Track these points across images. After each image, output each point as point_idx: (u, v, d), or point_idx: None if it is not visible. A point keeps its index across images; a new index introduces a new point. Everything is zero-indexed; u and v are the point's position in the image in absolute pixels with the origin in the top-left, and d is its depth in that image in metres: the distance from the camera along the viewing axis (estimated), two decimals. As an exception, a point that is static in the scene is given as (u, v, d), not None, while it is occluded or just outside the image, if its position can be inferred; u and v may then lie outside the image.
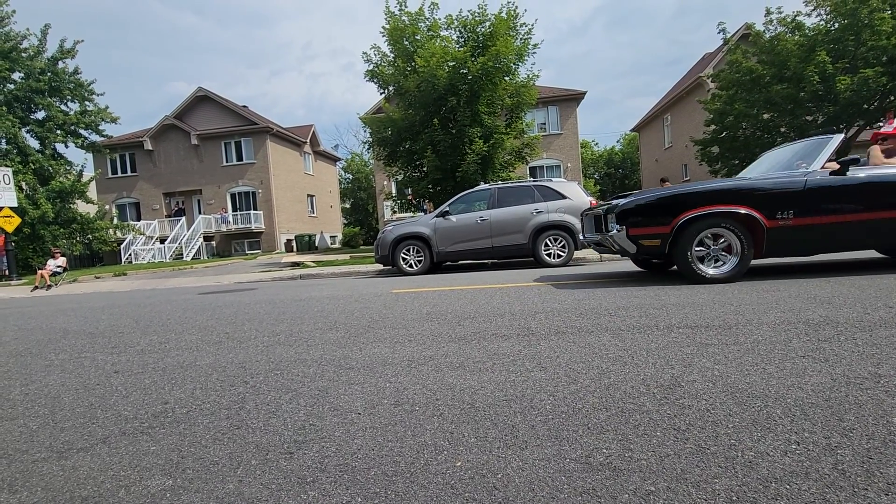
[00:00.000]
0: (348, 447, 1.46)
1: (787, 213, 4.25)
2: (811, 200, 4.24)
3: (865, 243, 4.43)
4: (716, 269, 4.39)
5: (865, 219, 4.22)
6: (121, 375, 2.44)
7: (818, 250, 4.55)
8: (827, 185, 4.25)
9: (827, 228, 4.27)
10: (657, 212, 4.46)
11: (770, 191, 4.31)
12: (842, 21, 13.93)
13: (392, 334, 3.03)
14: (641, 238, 4.49)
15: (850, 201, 4.25)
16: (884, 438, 1.28)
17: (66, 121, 18.07)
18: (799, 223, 4.25)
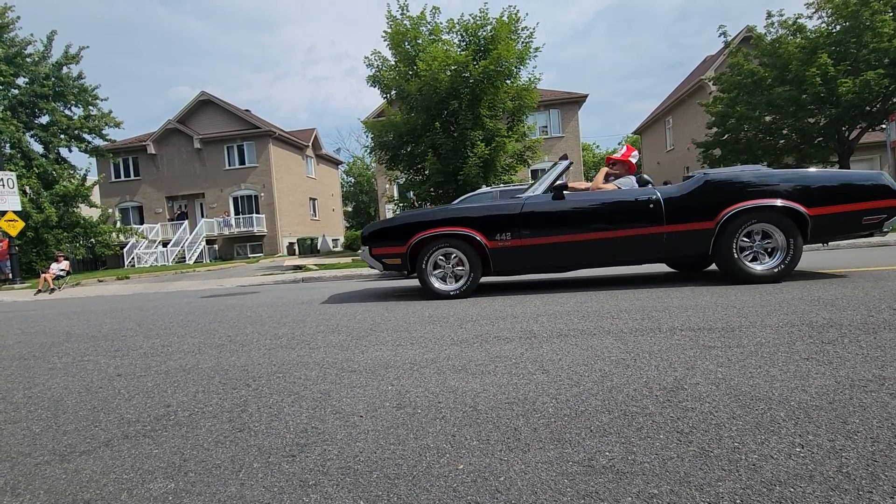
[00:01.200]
0: (350, 450, 1.45)
1: (505, 234, 4.66)
2: (527, 223, 4.64)
3: (584, 262, 4.78)
4: (451, 286, 4.80)
5: (580, 239, 4.60)
6: (123, 378, 2.45)
7: (541, 269, 4.92)
8: (542, 209, 4.65)
9: (544, 248, 4.66)
10: (394, 234, 4.89)
11: (491, 215, 4.72)
12: (843, 23, 13.93)
13: (394, 337, 3.03)
14: (384, 257, 4.94)
15: (565, 223, 4.64)
16: (888, 441, 1.28)
17: (70, 125, 18.17)
18: (517, 244, 4.65)
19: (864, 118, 14.24)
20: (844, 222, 4.34)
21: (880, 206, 4.26)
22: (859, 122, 14.56)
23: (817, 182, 4.40)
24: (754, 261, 4.40)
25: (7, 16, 16.73)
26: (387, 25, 15.23)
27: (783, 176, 4.44)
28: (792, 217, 4.30)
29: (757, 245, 4.39)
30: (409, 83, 14.58)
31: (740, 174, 4.53)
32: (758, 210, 4.31)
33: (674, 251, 4.55)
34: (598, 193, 4.76)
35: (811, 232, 4.32)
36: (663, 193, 4.52)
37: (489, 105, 14.59)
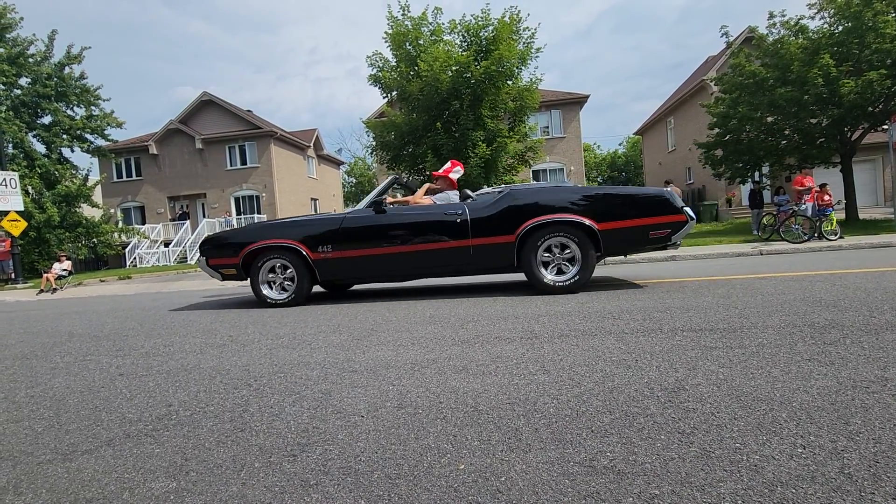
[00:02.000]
0: (351, 450, 1.45)
1: (326, 247, 4.94)
2: (347, 236, 4.93)
3: (400, 273, 5.06)
4: (282, 295, 5.05)
5: (395, 251, 4.89)
6: (125, 378, 2.45)
7: (362, 279, 5.29)
8: (360, 223, 4.97)
9: (363, 260, 4.94)
10: (228, 246, 5.14)
11: (313, 228, 5.04)
12: (846, 24, 13.89)
13: (395, 337, 3.03)
14: (220, 267, 5.18)
15: (382, 237, 4.91)
16: (891, 442, 1.27)
17: (73, 125, 18.20)
18: (338, 255, 4.93)
19: (866, 119, 14.20)
20: (633, 236, 4.61)
21: (665, 221, 4.51)
22: (861, 123, 14.52)
23: (607, 199, 4.71)
24: (560, 273, 4.67)
25: (10, 16, 16.78)
26: (388, 26, 15.24)
27: (578, 192, 4.75)
28: (584, 231, 4.56)
29: (558, 257, 4.67)
30: (411, 83, 14.59)
31: (540, 190, 4.84)
32: (552, 224, 4.59)
33: (481, 263, 4.82)
34: (414, 208, 5.07)
35: (604, 245, 4.59)
36: (470, 209, 4.80)
37: (490, 105, 14.59)
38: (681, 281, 5.00)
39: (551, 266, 4.66)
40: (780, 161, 16.14)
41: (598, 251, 4.62)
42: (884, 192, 22.46)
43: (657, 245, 4.72)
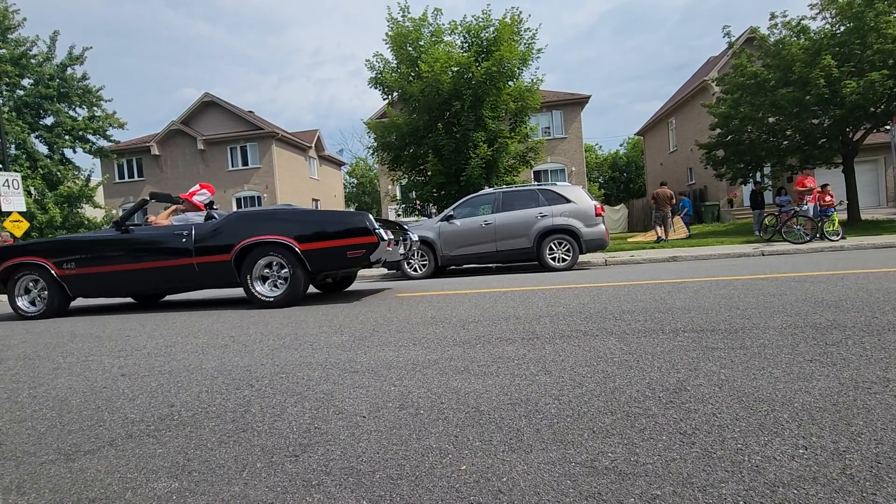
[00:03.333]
0: (353, 450, 1.46)
1: (70, 263, 5.32)
2: (88, 254, 5.33)
3: (138, 289, 5.58)
4: (32, 308, 5.44)
5: (132, 268, 5.27)
6: (127, 378, 2.46)
7: (108, 294, 5.64)
8: (104, 240, 5.40)
9: (103, 276, 5.33)
10: None
11: (57, 246, 5.47)
12: (847, 24, 13.87)
13: (397, 338, 3.04)
14: None
15: (121, 255, 5.31)
16: (893, 443, 1.27)
17: (75, 126, 18.25)
18: (81, 272, 5.32)
19: (868, 119, 14.18)
20: (333, 257, 5.00)
21: (360, 242, 4.92)
22: (863, 124, 14.50)
23: (310, 221, 5.15)
24: (274, 288, 5.10)
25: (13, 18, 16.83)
26: (388, 28, 15.26)
27: (286, 214, 5.20)
28: (290, 251, 4.96)
29: (275, 275, 5.10)
30: (412, 85, 14.60)
31: (259, 212, 5.37)
32: (261, 245, 5.03)
33: (206, 280, 5.24)
34: (151, 228, 5.52)
35: (310, 265, 4.98)
36: (196, 230, 5.21)
37: (491, 106, 14.59)
38: (682, 282, 5.00)
39: (269, 282, 5.13)
40: (781, 162, 16.12)
41: (307, 270, 5.02)
42: (886, 192, 22.42)
43: (360, 265, 5.15)
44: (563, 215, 8.53)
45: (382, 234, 4.95)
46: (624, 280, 5.59)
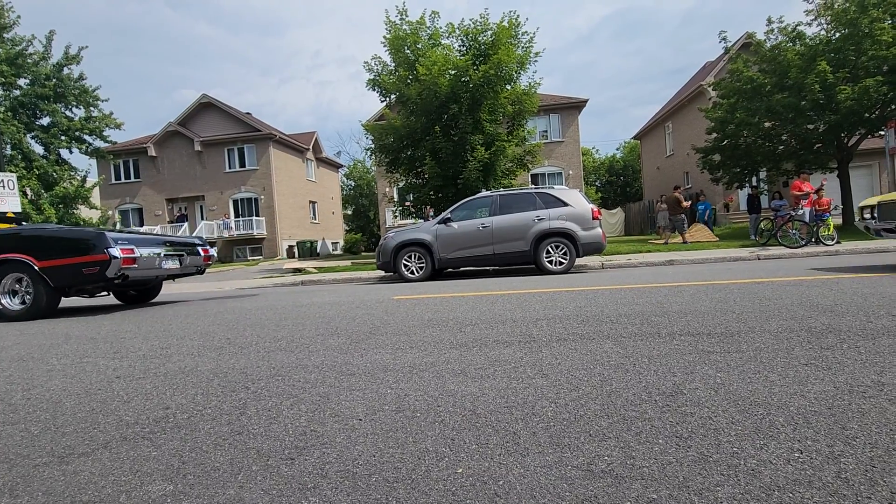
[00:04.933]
0: (349, 453, 1.45)
1: None
2: None
3: None
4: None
5: None
6: (122, 380, 2.44)
7: None
8: None
9: None
10: None
11: None
12: (842, 31, 14.00)
13: (393, 340, 3.03)
14: None
15: None
16: (887, 447, 1.28)
17: (71, 127, 18.17)
18: None
19: (862, 125, 14.28)
20: (71, 273, 5.24)
21: (93, 259, 5.14)
22: (858, 129, 14.61)
23: (50, 238, 5.42)
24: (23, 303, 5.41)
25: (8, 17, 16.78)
26: (386, 31, 15.30)
27: (29, 232, 5.55)
28: (30, 268, 5.24)
29: (23, 290, 5.42)
30: (409, 87, 14.63)
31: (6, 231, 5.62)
32: (5, 263, 5.34)
33: None
34: None
35: (52, 280, 5.27)
36: None
37: (489, 109, 14.63)
38: (678, 285, 5.02)
39: (19, 296, 5.44)
40: (777, 166, 16.22)
41: (49, 286, 5.30)
42: (880, 197, 22.53)
43: (103, 281, 5.30)
44: (561, 218, 8.54)
45: (115, 253, 5.16)
46: (620, 283, 5.60)
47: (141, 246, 5.61)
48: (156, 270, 5.85)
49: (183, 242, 6.72)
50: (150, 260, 5.72)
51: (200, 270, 6.94)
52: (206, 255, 6.82)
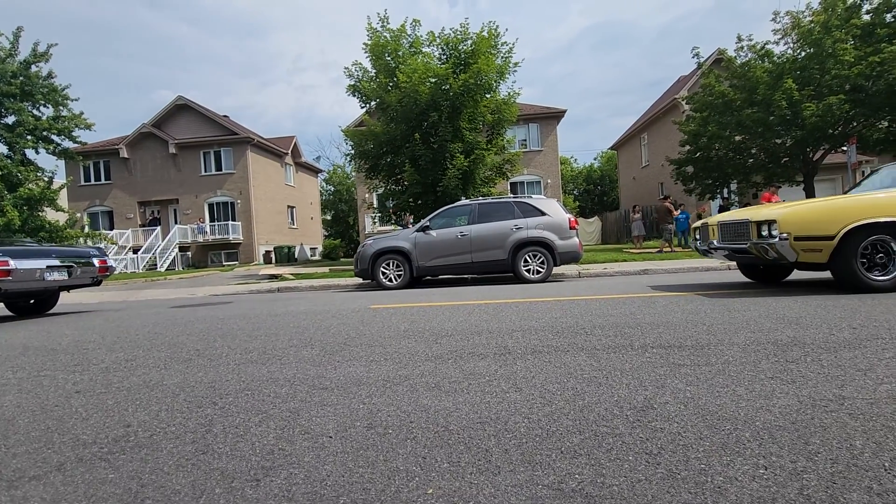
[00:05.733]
0: (317, 473, 1.42)
1: None
2: None
3: None
4: None
5: None
6: (82, 396, 2.34)
7: None
8: None
9: None
10: None
11: None
12: (808, 50, 14.59)
13: (368, 352, 2.99)
14: None
15: None
16: (847, 463, 1.31)
17: (38, 126, 17.54)
18: None
19: (826, 140, 14.88)
20: None
21: None
22: (822, 145, 15.21)
23: None
24: None
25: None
26: (367, 37, 15.29)
27: None
28: None
29: None
30: (390, 94, 14.63)
31: None
32: None
33: None
34: None
35: None
36: None
37: (469, 118, 14.74)
38: (651, 296, 5.10)
39: None
40: (747, 178, 16.75)
41: None
42: (843, 210, 23.45)
43: None
44: (538, 228, 8.63)
45: None
46: (596, 293, 5.67)
47: (20, 258, 5.57)
48: (38, 283, 5.78)
49: (74, 254, 6.65)
50: (30, 273, 5.67)
51: (97, 281, 6.86)
52: (102, 266, 6.76)
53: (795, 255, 4.54)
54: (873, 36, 13.63)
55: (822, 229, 4.43)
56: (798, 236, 4.48)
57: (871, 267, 4.42)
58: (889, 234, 4.36)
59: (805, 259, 4.56)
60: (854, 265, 4.39)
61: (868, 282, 4.38)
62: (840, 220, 4.39)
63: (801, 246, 4.49)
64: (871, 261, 4.42)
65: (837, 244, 4.39)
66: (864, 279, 4.39)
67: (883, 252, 4.41)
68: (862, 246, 4.39)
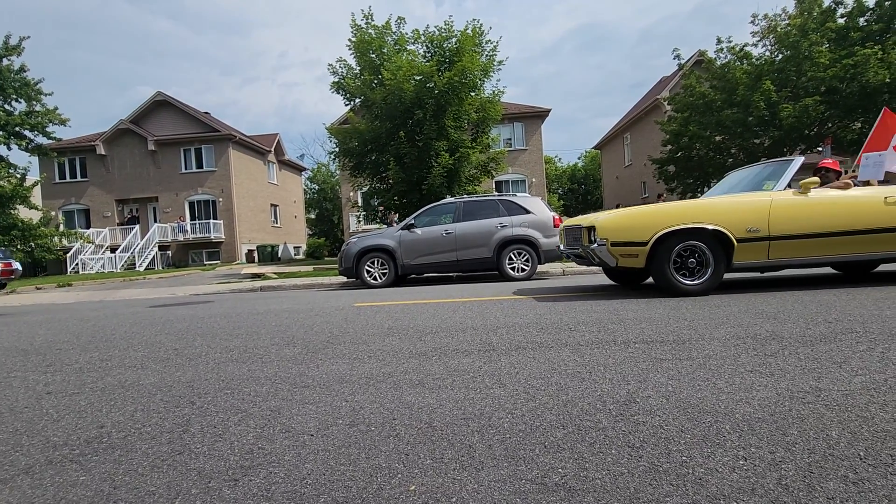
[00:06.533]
0: (298, 472, 1.39)
1: None
2: None
3: None
4: None
5: None
6: (53, 397, 2.27)
7: None
8: None
9: None
10: None
11: None
12: (785, 52, 14.92)
13: (351, 350, 2.96)
14: None
15: None
16: (824, 453, 1.33)
17: (10, 121, 17.04)
18: None
19: (803, 141, 15.25)
20: None
21: None
22: (799, 145, 15.59)
23: None
24: None
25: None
26: (352, 34, 15.17)
27: None
28: None
29: None
30: (374, 92, 14.54)
31: None
32: None
33: None
34: None
35: None
36: None
37: (454, 116, 14.72)
38: (634, 293, 5.15)
39: None
40: (726, 178, 17.07)
41: None
42: (819, 209, 24.03)
43: None
44: (523, 226, 8.66)
45: None
46: (580, 290, 5.71)
47: None
48: None
49: None
50: None
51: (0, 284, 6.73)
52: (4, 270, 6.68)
53: (615, 259, 4.69)
54: (847, 39, 14.00)
55: (636, 235, 4.57)
56: (615, 242, 4.63)
57: (682, 270, 4.56)
58: (699, 240, 4.51)
59: (624, 264, 4.70)
60: (667, 269, 4.54)
61: (679, 285, 4.54)
62: (652, 226, 4.53)
63: (619, 251, 4.64)
64: (684, 265, 4.56)
65: (650, 250, 4.53)
66: (675, 283, 4.55)
67: (694, 258, 4.55)
68: (675, 251, 4.53)
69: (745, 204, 4.54)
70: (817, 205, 4.49)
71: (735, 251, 4.48)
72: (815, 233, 4.45)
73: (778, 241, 4.46)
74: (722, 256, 4.51)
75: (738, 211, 4.50)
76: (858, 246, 4.49)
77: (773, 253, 4.50)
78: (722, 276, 4.58)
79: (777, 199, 4.52)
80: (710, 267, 4.52)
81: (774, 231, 4.44)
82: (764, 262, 4.55)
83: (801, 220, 4.45)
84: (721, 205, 4.57)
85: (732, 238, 4.45)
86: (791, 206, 4.49)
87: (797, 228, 4.45)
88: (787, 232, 4.44)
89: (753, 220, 4.44)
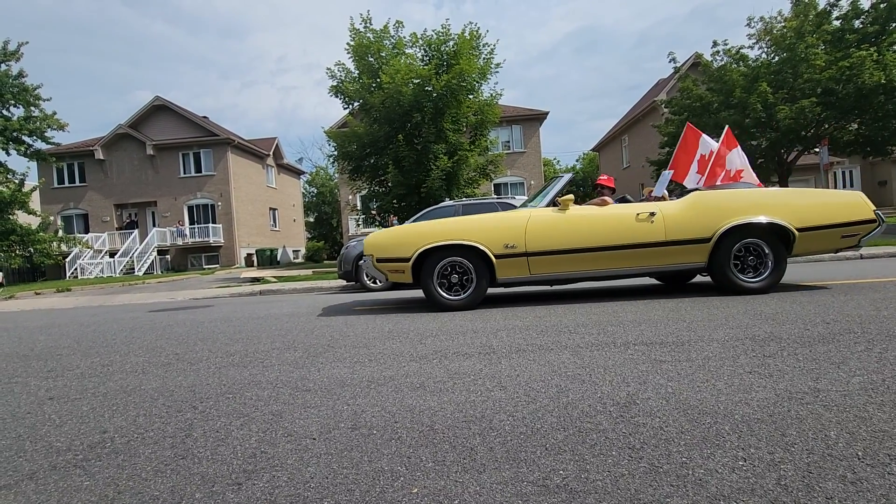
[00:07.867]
0: (300, 476, 1.40)
1: None
2: None
3: None
4: None
5: None
6: (55, 402, 2.27)
7: None
8: None
9: None
10: None
11: None
12: (781, 55, 15.00)
13: (352, 354, 2.97)
14: None
15: None
16: (822, 453, 1.34)
17: (8, 126, 17.03)
18: None
19: (800, 142, 15.32)
20: None
21: None
22: (796, 146, 15.66)
23: None
24: None
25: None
26: (350, 38, 15.21)
27: None
28: None
29: None
30: (373, 95, 14.58)
31: None
32: None
33: None
34: None
35: None
36: None
37: (452, 119, 14.76)
38: (634, 295, 5.17)
39: None
40: (724, 179, 17.10)
41: None
42: (816, 209, 24.11)
43: None
44: (522, 228, 8.66)
45: None
46: (579, 293, 5.73)
47: None
48: None
49: None
50: None
51: None
52: None
53: (384, 275, 4.81)
54: (843, 41, 14.08)
55: (399, 252, 4.67)
56: (380, 258, 4.74)
57: (447, 286, 4.67)
58: (463, 256, 4.60)
59: (395, 279, 4.81)
60: (431, 285, 4.64)
61: (442, 300, 4.64)
62: (413, 243, 4.64)
63: (386, 267, 4.75)
64: (450, 280, 4.67)
65: (413, 266, 4.63)
66: (438, 297, 4.65)
67: (456, 273, 4.66)
68: (439, 267, 4.63)
69: (504, 221, 4.63)
70: (573, 221, 4.56)
71: (496, 267, 4.56)
72: (570, 248, 4.51)
73: (535, 256, 4.53)
74: (485, 272, 4.60)
75: (496, 228, 4.58)
76: (614, 261, 4.55)
77: (533, 268, 4.57)
78: (485, 291, 4.67)
79: (535, 216, 4.60)
80: (473, 283, 4.62)
81: (531, 247, 4.51)
82: (527, 276, 4.62)
83: (557, 236, 4.52)
84: (483, 221, 4.68)
85: (490, 254, 4.52)
86: (547, 222, 4.56)
87: (552, 244, 4.52)
88: (543, 248, 4.51)
89: (511, 237, 4.53)
